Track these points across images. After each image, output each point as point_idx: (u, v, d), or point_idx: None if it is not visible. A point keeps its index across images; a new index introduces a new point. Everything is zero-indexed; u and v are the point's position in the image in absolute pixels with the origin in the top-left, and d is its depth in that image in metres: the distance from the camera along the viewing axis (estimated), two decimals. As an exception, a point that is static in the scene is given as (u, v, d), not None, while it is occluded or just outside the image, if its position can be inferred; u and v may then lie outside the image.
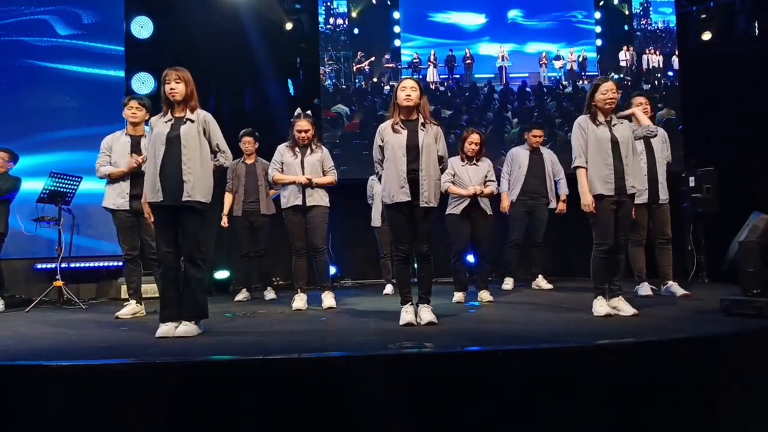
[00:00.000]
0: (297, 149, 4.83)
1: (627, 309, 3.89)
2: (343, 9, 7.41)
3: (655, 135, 4.29)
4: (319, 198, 4.81)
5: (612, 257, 3.98)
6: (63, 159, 6.45)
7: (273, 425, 2.55)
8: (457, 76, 7.55)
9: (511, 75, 7.58)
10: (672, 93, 7.58)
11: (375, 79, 7.44)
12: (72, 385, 2.58)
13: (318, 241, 4.80)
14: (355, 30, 7.43)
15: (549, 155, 5.98)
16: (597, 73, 7.39)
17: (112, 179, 4.66)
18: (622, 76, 7.60)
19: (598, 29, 7.66)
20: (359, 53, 7.42)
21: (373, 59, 7.44)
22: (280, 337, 3.59)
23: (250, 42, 7.15)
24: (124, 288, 5.94)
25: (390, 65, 7.48)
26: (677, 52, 7.61)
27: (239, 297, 5.77)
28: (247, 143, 5.70)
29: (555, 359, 2.75)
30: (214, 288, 6.60)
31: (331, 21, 7.39)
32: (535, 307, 4.58)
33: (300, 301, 4.80)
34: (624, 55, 7.66)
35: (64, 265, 5.59)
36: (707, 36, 7.49)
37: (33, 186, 5.70)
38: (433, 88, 7.44)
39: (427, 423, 2.58)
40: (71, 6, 6.86)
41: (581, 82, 7.50)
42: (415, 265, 4.31)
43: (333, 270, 5.97)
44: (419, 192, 3.75)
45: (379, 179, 4.03)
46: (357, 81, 7.41)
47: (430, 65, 7.53)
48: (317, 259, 4.86)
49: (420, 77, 7.27)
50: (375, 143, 3.95)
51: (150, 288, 5.19)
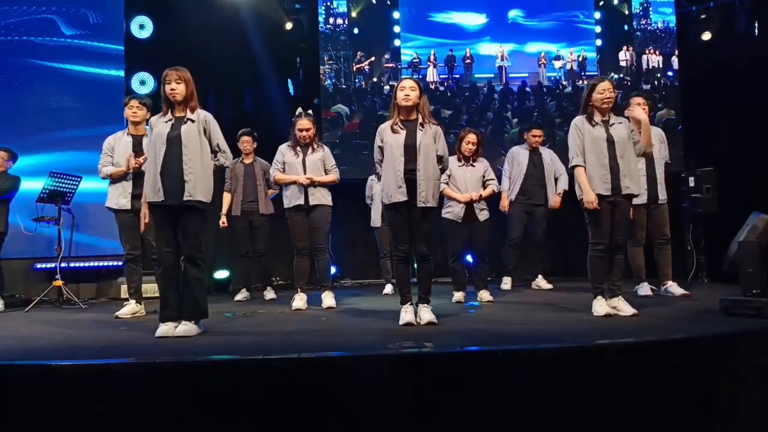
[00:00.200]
0: (298, 148, 4.83)
1: (626, 309, 3.88)
2: (343, 9, 7.40)
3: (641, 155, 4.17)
4: (322, 197, 4.81)
5: (610, 257, 3.98)
6: (62, 159, 6.44)
7: (273, 425, 2.55)
8: (457, 76, 7.55)
9: (511, 75, 7.58)
10: (672, 93, 7.59)
11: (375, 79, 7.44)
12: (72, 385, 2.57)
13: (320, 241, 4.81)
14: (355, 30, 7.43)
15: (548, 155, 5.98)
16: (597, 73, 7.38)
17: (114, 179, 4.67)
18: (621, 76, 7.60)
19: (597, 29, 7.66)
20: (359, 53, 7.42)
21: (373, 59, 7.43)
22: (279, 337, 3.59)
23: (250, 42, 7.15)
24: (123, 288, 5.94)
25: (390, 65, 7.48)
26: (677, 52, 7.61)
27: (239, 297, 5.77)
28: (246, 143, 5.70)
29: (555, 359, 2.75)
30: (213, 288, 6.60)
31: (331, 21, 7.39)
32: (535, 307, 4.58)
33: (300, 301, 4.80)
34: (624, 55, 7.66)
35: (63, 265, 5.59)
36: (707, 36, 7.50)
37: (33, 185, 5.70)
38: (433, 88, 7.43)
39: (427, 423, 2.58)
40: (71, 5, 6.85)
41: (581, 82, 7.49)
42: (415, 265, 4.31)
43: (333, 270, 5.96)
44: (416, 192, 3.75)
45: (379, 179, 4.03)
46: (357, 81, 7.41)
47: (429, 65, 7.53)
48: (319, 259, 4.87)
49: (420, 77, 7.26)
50: (375, 144, 3.96)
51: (150, 288, 5.18)
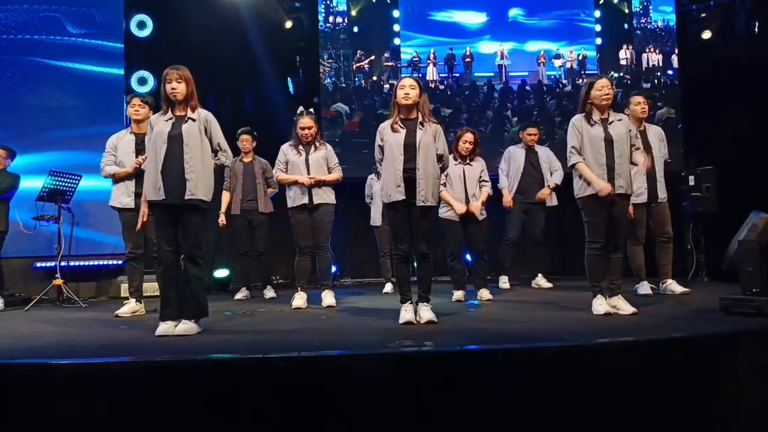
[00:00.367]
0: (301, 147, 4.83)
1: (626, 308, 3.88)
2: (343, 7, 7.39)
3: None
4: (326, 196, 4.81)
5: (608, 256, 3.98)
6: (62, 157, 6.44)
7: (273, 424, 2.55)
8: (457, 74, 7.54)
9: (511, 74, 7.58)
10: (671, 92, 7.58)
11: (375, 78, 7.43)
12: (71, 384, 2.57)
13: (323, 239, 4.82)
14: (355, 28, 7.42)
15: (545, 152, 6.01)
16: (597, 72, 7.38)
17: (117, 179, 4.67)
18: (621, 74, 7.60)
19: (597, 28, 7.66)
20: (359, 52, 7.41)
21: (373, 58, 7.43)
22: (279, 336, 3.59)
23: (249, 40, 7.14)
24: (123, 286, 5.95)
25: (389, 64, 7.47)
26: (677, 50, 7.61)
27: (239, 296, 5.77)
28: (245, 141, 5.69)
29: (554, 358, 2.75)
30: (213, 287, 6.60)
31: (331, 19, 7.38)
32: (535, 306, 4.58)
33: (300, 300, 4.80)
34: (624, 54, 7.66)
35: (63, 264, 5.58)
36: (707, 35, 7.50)
37: (32, 184, 5.70)
38: (433, 86, 7.43)
39: (427, 422, 2.58)
40: (71, 4, 6.84)
41: (581, 80, 7.49)
42: (415, 264, 4.31)
43: (333, 269, 5.96)
44: (416, 191, 3.75)
45: (380, 178, 4.03)
46: (357, 79, 7.41)
47: (429, 64, 7.52)
48: (320, 257, 4.87)
49: (419, 76, 7.26)
50: (375, 142, 3.96)
51: (150, 286, 5.19)
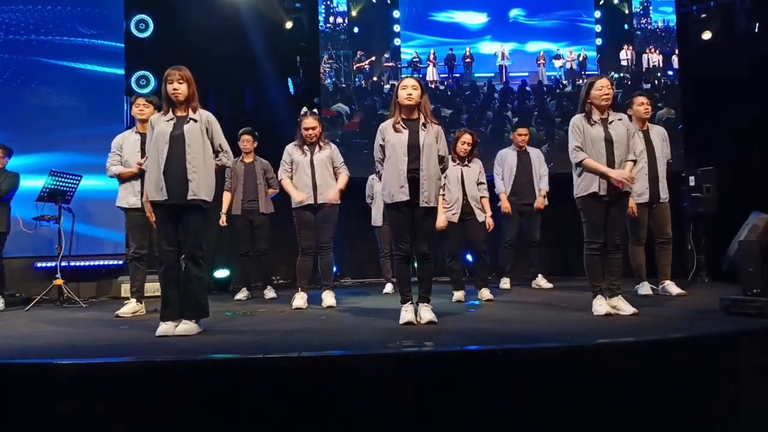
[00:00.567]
0: (305, 147, 4.84)
1: (627, 308, 3.88)
2: (343, 8, 7.40)
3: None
4: (331, 196, 4.81)
5: (608, 256, 3.98)
6: (62, 157, 6.43)
7: (273, 424, 2.55)
8: (457, 75, 7.55)
9: (512, 74, 7.58)
10: (672, 92, 7.58)
11: (375, 78, 7.43)
12: (72, 384, 2.57)
13: (326, 239, 4.82)
14: (355, 29, 7.42)
15: (536, 154, 6.05)
16: (597, 73, 7.38)
17: (122, 179, 4.67)
18: (622, 75, 7.60)
19: (598, 28, 7.66)
20: (359, 52, 7.41)
21: (373, 58, 7.43)
22: (280, 336, 3.58)
23: (250, 41, 7.15)
24: (124, 287, 5.96)
25: (390, 64, 7.47)
26: (677, 51, 7.61)
27: (239, 296, 5.77)
28: (246, 142, 5.70)
29: (555, 358, 2.75)
30: (214, 287, 6.60)
31: (331, 20, 7.38)
32: (535, 307, 4.58)
33: (300, 300, 4.80)
34: (624, 54, 7.65)
35: (64, 264, 5.58)
36: (707, 35, 7.49)
37: (32, 184, 5.70)
38: (433, 87, 7.43)
39: (427, 422, 2.58)
40: (71, 4, 6.84)
41: (581, 81, 7.49)
42: (415, 264, 4.31)
43: (333, 269, 5.96)
44: (419, 192, 3.75)
45: (380, 178, 4.02)
46: (357, 80, 7.41)
47: (429, 64, 7.52)
48: (323, 257, 4.88)
49: (420, 76, 7.26)
50: (376, 142, 3.95)
51: (151, 286, 5.19)
